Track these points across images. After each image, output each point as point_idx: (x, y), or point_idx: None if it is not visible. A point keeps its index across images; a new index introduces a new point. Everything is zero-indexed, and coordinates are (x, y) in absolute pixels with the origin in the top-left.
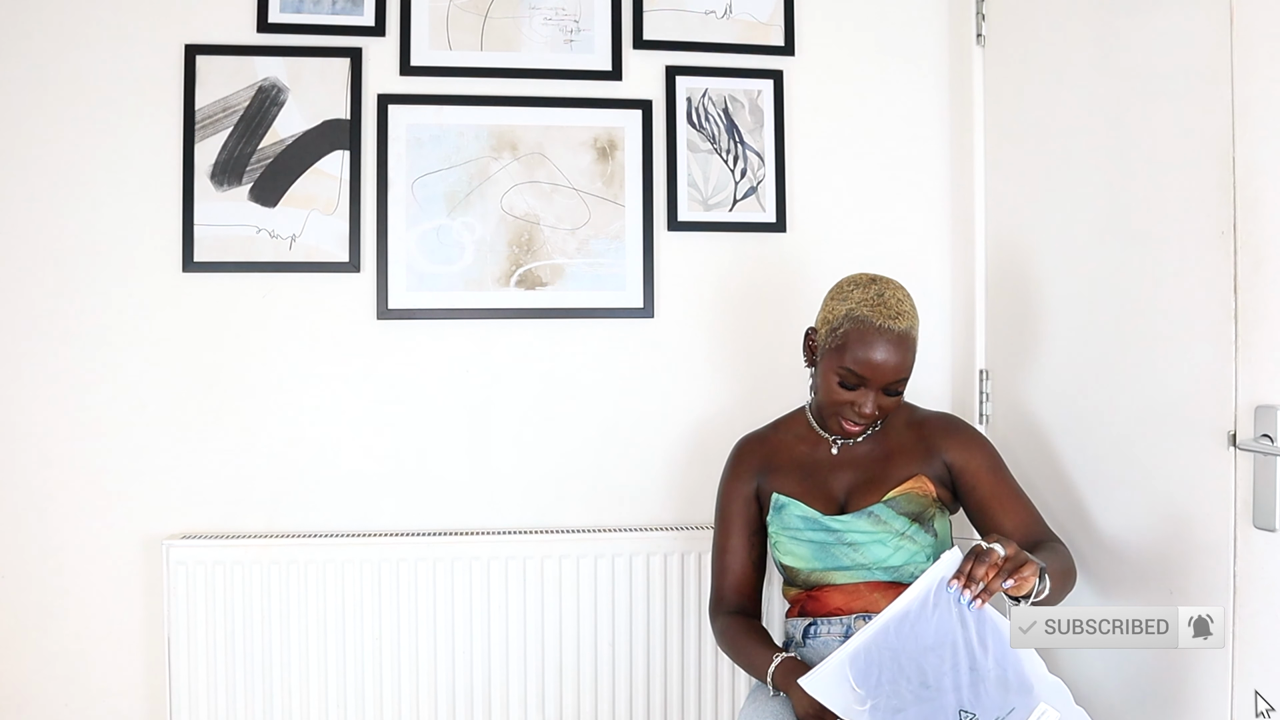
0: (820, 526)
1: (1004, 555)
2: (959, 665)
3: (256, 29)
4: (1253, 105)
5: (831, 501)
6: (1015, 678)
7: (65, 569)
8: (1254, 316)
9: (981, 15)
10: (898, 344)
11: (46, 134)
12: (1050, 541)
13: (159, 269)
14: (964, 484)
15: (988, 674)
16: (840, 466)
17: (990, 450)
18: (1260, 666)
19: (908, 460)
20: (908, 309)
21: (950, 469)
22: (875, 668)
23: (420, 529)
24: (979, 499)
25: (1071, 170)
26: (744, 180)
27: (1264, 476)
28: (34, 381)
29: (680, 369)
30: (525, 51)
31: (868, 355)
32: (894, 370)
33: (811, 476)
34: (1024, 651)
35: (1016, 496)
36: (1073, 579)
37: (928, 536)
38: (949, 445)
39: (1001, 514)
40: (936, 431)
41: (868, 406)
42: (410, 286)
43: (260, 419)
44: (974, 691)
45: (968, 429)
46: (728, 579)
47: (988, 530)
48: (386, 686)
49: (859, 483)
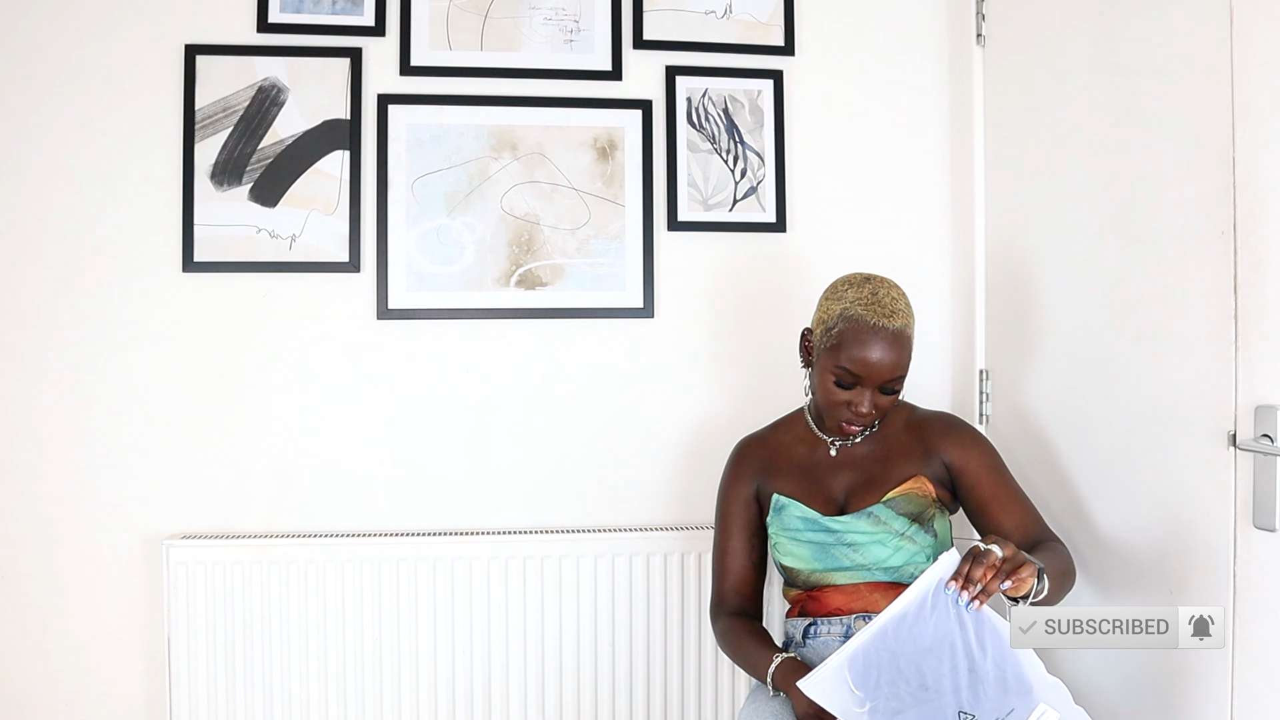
0: (820, 527)
1: (1002, 556)
2: (958, 666)
3: (256, 29)
4: (1253, 105)
5: (831, 502)
6: (1014, 678)
7: (65, 569)
8: (1254, 316)
9: (981, 15)
10: (892, 342)
11: (46, 134)
12: (1049, 541)
13: (159, 269)
14: (963, 484)
15: (986, 675)
16: (839, 467)
17: (989, 450)
18: (1260, 666)
19: (907, 461)
20: (902, 307)
21: (949, 469)
22: (874, 670)
23: (420, 529)
24: (978, 499)
25: (1071, 170)
26: (744, 180)
27: (1264, 476)
28: (34, 381)
29: (680, 369)
30: (525, 51)
31: (863, 354)
32: (890, 369)
33: (811, 477)
34: (1023, 652)
35: (1016, 497)
36: (1071, 579)
37: (927, 537)
38: (948, 445)
39: (1001, 514)
40: (935, 431)
41: (864, 406)
42: (410, 286)
43: (260, 419)
44: (973, 693)
45: (967, 429)
46: (728, 580)
47: (987, 530)
48: (386, 686)
49: (858, 483)
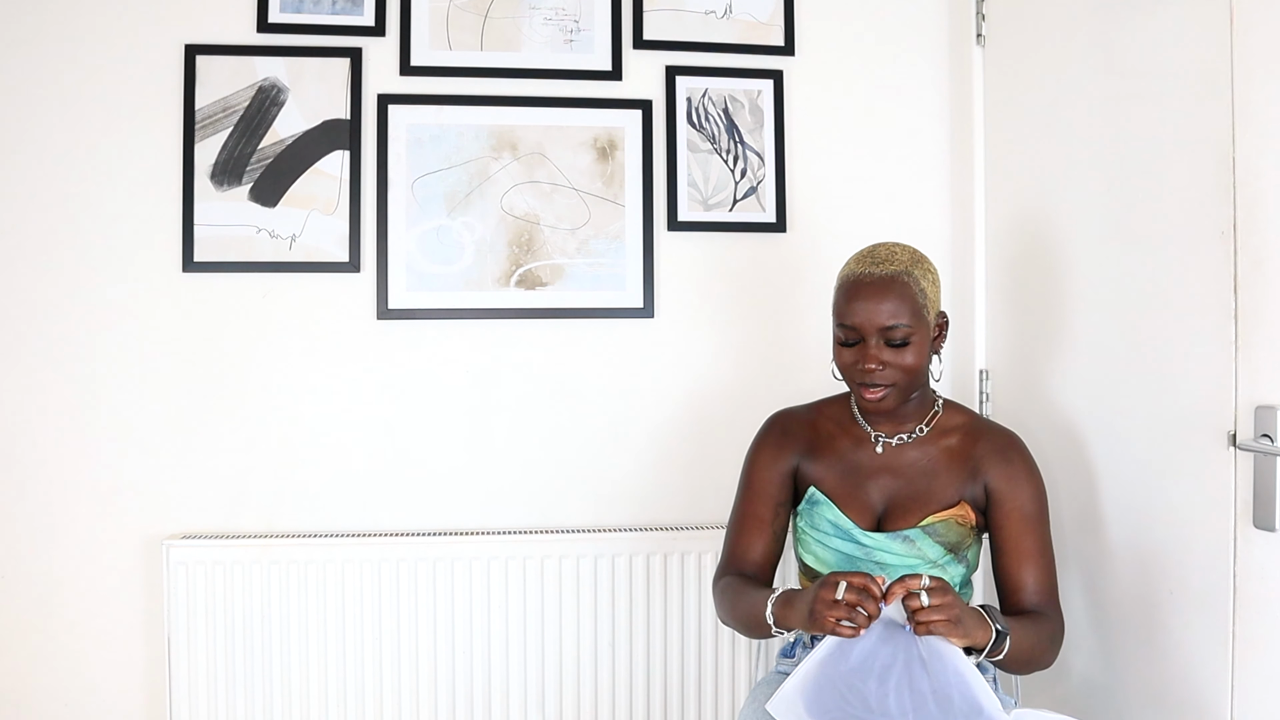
0: (850, 538)
1: (928, 605)
2: (900, 688)
3: (256, 29)
4: (1253, 105)
5: (868, 510)
6: (961, 699)
7: (65, 569)
8: (1254, 316)
9: (981, 15)
10: (883, 286)
11: (47, 134)
12: (1045, 614)
13: (159, 269)
14: (995, 517)
15: (927, 695)
16: (883, 471)
17: (1035, 493)
18: (1260, 666)
19: (952, 477)
20: (900, 256)
21: (989, 495)
22: (823, 695)
23: (420, 529)
24: (1002, 540)
25: (1071, 171)
26: (744, 180)
27: (1264, 476)
28: (34, 382)
29: (680, 369)
30: (525, 51)
31: (853, 304)
32: (885, 315)
33: (852, 478)
34: (975, 679)
35: (1042, 554)
36: (1043, 655)
37: (960, 567)
38: (996, 472)
39: (1016, 567)
40: (990, 452)
41: (870, 361)
42: (410, 286)
43: (260, 419)
44: (918, 714)
45: (1021, 461)
46: (742, 548)
47: (1000, 570)
48: (386, 686)
49: (900, 495)
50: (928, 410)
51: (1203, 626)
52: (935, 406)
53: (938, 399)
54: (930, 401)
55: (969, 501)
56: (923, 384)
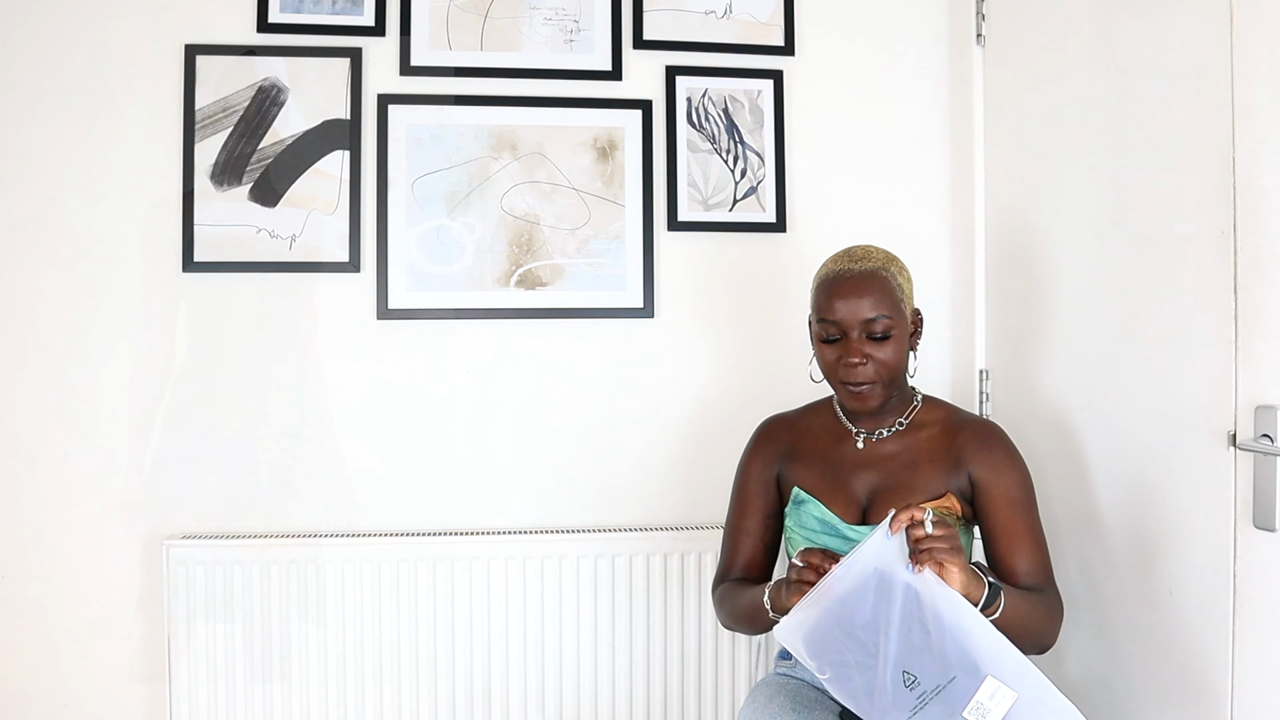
0: (836, 533)
1: (930, 534)
2: (891, 636)
3: (256, 29)
4: (1253, 105)
5: (853, 504)
6: (956, 653)
7: (65, 569)
8: (1254, 316)
9: (981, 15)
10: (861, 282)
11: (46, 134)
12: (1044, 592)
13: (159, 269)
14: (983, 505)
15: (922, 647)
16: (865, 465)
17: (1020, 479)
18: (1260, 666)
19: (934, 469)
20: (876, 255)
21: (974, 485)
22: (824, 641)
23: (420, 529)
24: (992, 527)
25: (1071, 171)
26: (744, 180)
27: (1264, 476)
28: (34, 382)
29: (680, 369)
30: (525, 51)
31: (832, 300)
32: (869, 307)
33: (834, 474)
34: (979, 633)
35: (1032, 536)
36: (1042, 628)
37: None
38: (979, 461)
39: (1009, 551)
40: (971, 442)
41: (854, 355)
42: (410, 286)
43: (260, 419)
44: (915, 659)
45: (1003, 448)
46: (738, 559)
47: (993, 557)
48: (387, 686)
49: (883, 487)
50: (907, 405)
51: (1203, 626)
52: (914, 401)
53: (916, 394)
54: (909, 397)
55: (955, 493)
56: (902, 380)
